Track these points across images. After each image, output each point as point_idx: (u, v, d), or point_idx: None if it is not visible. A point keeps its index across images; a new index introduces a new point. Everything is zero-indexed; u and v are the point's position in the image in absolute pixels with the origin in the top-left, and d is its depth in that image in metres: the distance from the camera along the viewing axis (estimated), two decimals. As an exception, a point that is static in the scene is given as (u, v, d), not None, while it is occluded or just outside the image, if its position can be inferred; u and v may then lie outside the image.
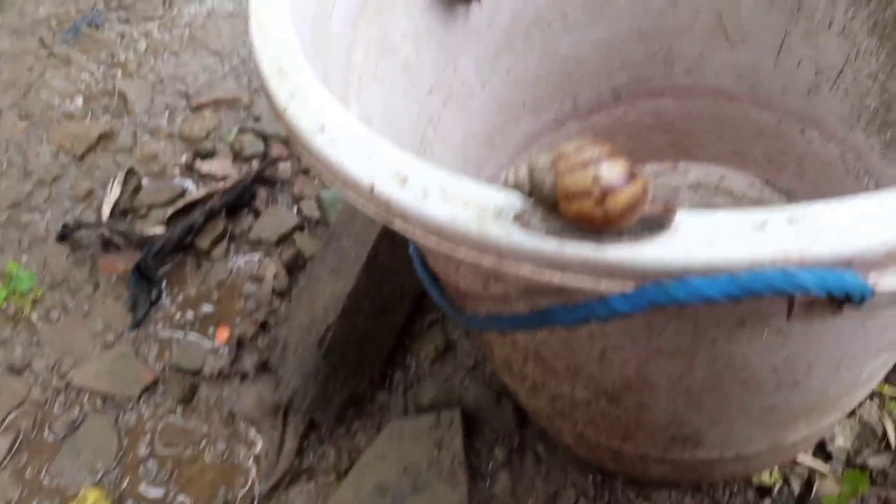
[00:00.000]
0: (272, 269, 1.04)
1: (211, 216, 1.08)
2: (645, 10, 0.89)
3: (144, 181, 1.15)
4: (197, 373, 0.97)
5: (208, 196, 1.10)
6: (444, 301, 0.57)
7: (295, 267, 1.05)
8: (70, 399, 0.96)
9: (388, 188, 0.40)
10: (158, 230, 1.07)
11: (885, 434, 0.83)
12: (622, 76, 0.96)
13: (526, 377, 0.70)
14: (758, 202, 1.00)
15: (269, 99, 0.48)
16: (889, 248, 0.33)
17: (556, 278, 0.37)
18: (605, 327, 0.49)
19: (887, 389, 0.85)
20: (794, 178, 0.98)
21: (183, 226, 1.06)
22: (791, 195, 0.99)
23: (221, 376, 0.96)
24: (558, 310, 0.40)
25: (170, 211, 1.09)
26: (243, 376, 0.96)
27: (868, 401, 0.85)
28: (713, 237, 0.35)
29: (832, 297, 0.34)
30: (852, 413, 0.85)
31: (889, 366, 0.68)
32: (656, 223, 0.35)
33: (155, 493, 0.88)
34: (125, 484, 0.89)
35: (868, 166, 0.87)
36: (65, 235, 1.08)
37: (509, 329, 0.46)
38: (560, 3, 0.87)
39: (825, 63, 0.85)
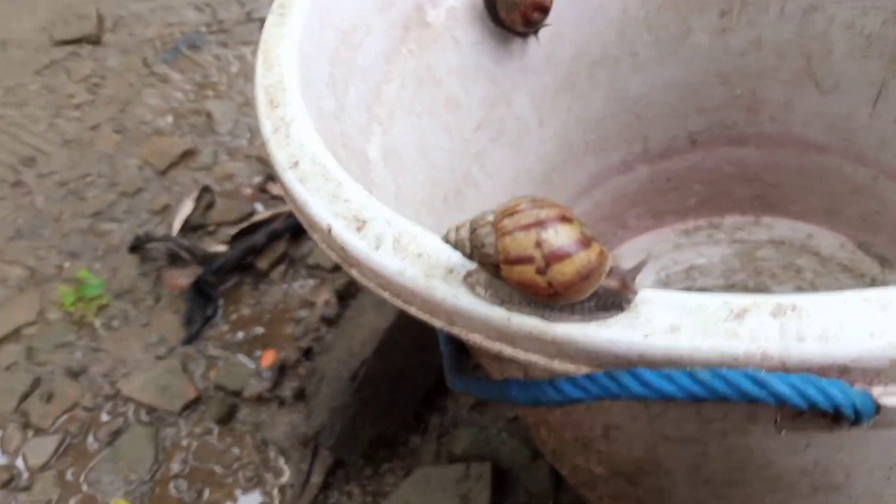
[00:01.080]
0: (324, 296, 1.03)
1: (273, 238, 1.08)
2: (724, 50, 0.82)
3: (218, 199, 1.18)
4: (238, 394, 0.97)
5: (273, 218, 1.11)
6: (446, 349, 0.53)
7: (347, 295, 1.03)
8: (117, 408, 0.98)
9: (344, 233, 0.37)
10: (221, 248, 1.08)
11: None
12: (699, 120, 0.89)
13: (545, 442, 0.65)
14: (847, 267, 0.89)
15: (259, 127, 0.46)
16: (894, 357, 0.27)
17: (507, 351, 0.33)
18: (601, 403, 0.44)
19: None
20: (891, 243, 0.87)
21: (245, 245, 1.07)
22: (886, 262, 0.88)
23: (261, 400, 0.96)
24: (514, 385, 0.35)
25: (235, 230, 1.10)
26: (281, 402, 0.95)
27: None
28: (679, 323, 0.29)
29: (821, 410, 0.27)
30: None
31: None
32: (614, 300, 0.30)
33: (181, 511, 0.89)
34: (155, 498, 0.90)
35: (977, 237, 0.76)
36: (136, 247, 1.11)
37: (479, 395, 0.42)
38: (629, 41, 0.81)
39: (929, 117, 0.75)
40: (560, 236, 0.29)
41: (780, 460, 0.44)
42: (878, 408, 0.28)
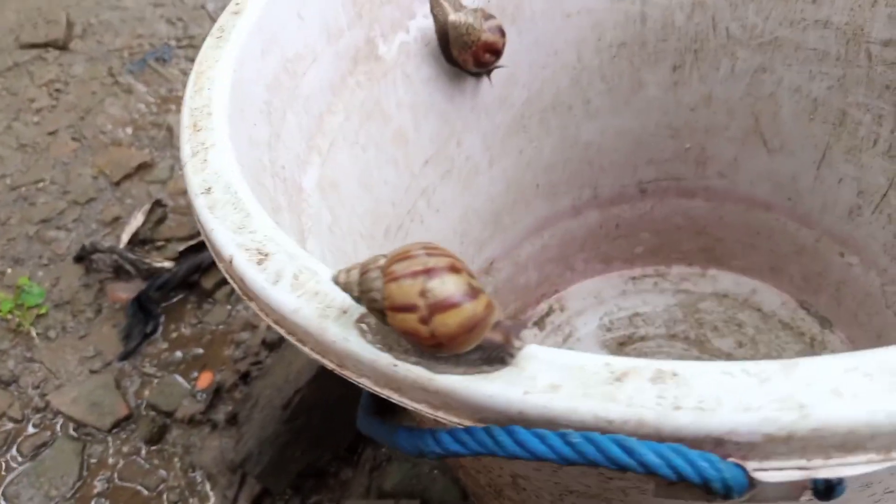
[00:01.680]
0: (268, 320, 1.02)
1: (221, 258, 1.07)
2: (676, 104, 0.83)
3: (170, 214, 1.17)
4: (170, 414, 0.95)
5: (223, 237, 1.09)
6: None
7: (291, 321, 1.02)
8: (45, 420, 0.96)
9: (245, 265, 0.37)
10: (168, 264, 1.07)
11: None
12: (649, 171, 0.90)
13: (466, 485, 0.64)
14: (788, 325, 0.90)
15: (180, 150, 0.46)
16: (768, 433, 0.27)
17: (395, 398, 0.32)
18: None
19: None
20: (832, 304, 0.89)
21: (191, 263, 1.06)
22: (826, 322, 0.89)
23: (192, 422, 0.94)
24: (401, 431, 0.34)
25: (183, 247, 1.09)
26: (213, 426, 0.93)
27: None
28: (560, 382, 0.29)
29: (690, 482, 0.27)
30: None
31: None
32: (498, 354, 0.30)
33: (99, 533, 0.86)
34: (74, 518, 0.87)
35: (910, 304, 0.77)
36: (81, 257, 1.09)
37: (375, 437, 0.41)
38: (583, 89, 0.82)
39: (868, 184, 0.77)
40: (446, 286, 0.29)
41: (683, 521, 0.44)
42: (752, 482, 0.28)
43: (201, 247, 1.09)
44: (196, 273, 1.06)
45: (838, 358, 0.28)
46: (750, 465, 0.28)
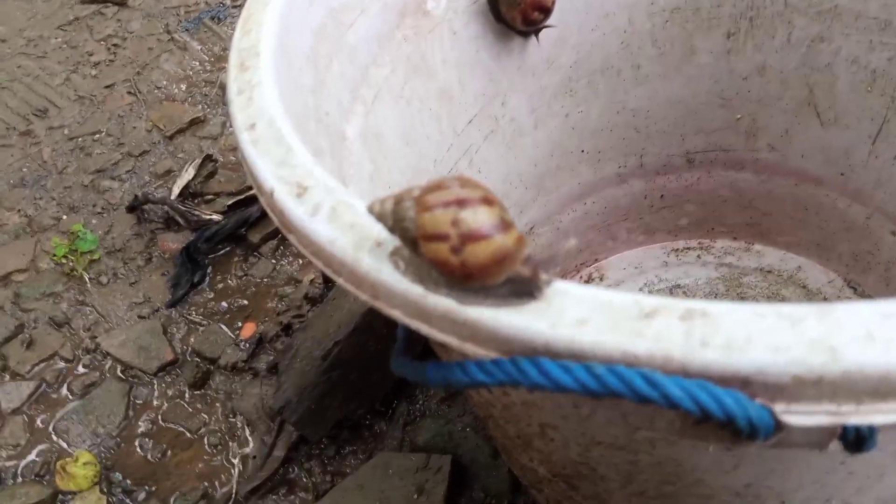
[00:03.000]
0: (310, 275, 1.04)
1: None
2: (728, 72, 0.81)
3: (220, 169, 1.19)
4: (214, 361, 0.97)
5: (269, 193, 1.11)
6: (400, 331, 0.53)
7: (333, 278, 1.04)
8: (95, 362, 0.99)
9: (285, 197, 0.37)
10: (216, 217, 1.09)
11: None
12: (698, 141, 0.88)
13: (495, 438, 0.65)
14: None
15: (226, 88, 0.47)
16: (797, 374, 0.27)
17: (424, 330, 0.33)
18: (533, 397, 0.44)
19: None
20: (880, 284, 0.86)
21: (239, 216, 1.08)
22: (874, 303, 0.87)
23: (235, 370, 0.96)
24: (431, 366, 0.35)
25: (231, 201, 1.11)
26: (254, 374, 0.95)
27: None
28: (588, 317, 0.29)
29: (715, 418, 0.27)
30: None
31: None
32: (526, 288, 0.30)
33: (142, 470, 0.89)
34: (119, 454, 0.91)
35: (962, 286, 0.75)
36: (134, 207, 1.13)
37: (406, 376, 0.42)
38: (633, 53, 0.81)
39: (926, 160, 0.74)
40: (478, 217, 0.29)
41: (710, 479, 0.44)
42: (778, 425, 0.28)
43: (249, 201, 1.11)
44: (243, 227, 1.08)
45: (876, 304, 0.27)
46: (777, 408, 0.28)
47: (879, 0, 0.70)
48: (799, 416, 0.28)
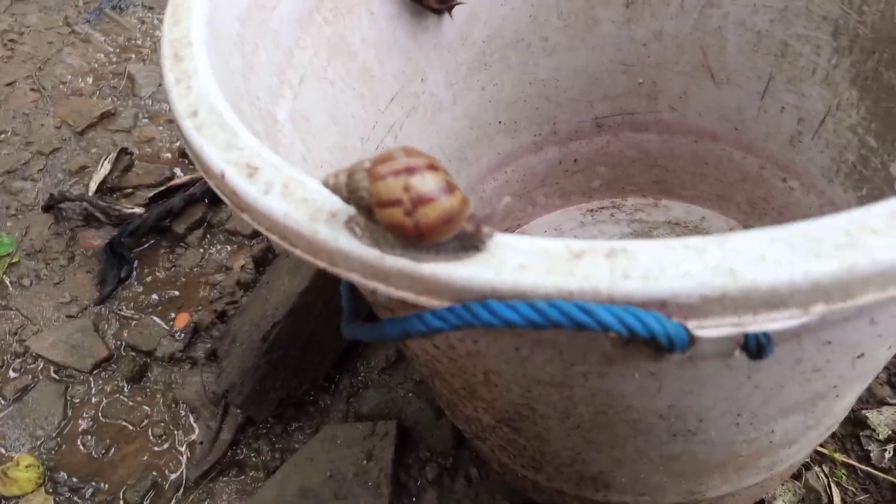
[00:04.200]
0: (241, 261, 1.05)
1: (191, 202, 1.09)
2: (629, 40, 0.87)
3: (136, 162, 1.17)
4: (150, 354, 0.98)
5: (191, 182, 1.11)
6: (346, 303, 0.56)
7: (264, 261, 1.05)
8: (26, 365, 0.98)
9: (236, 178, 0.40)
10: (138, 210, 1.08)
11: (830, 501, 0.79)
12: (605, 106, 0.94)
13: (441, 395, 0.69)
14: (735, 249, 0.96)
15: (163, 79, 0.48)
16: (705, 294, 0.31)
17: (381, 289, 0.36)
18: (478, 346, 0.48)
19: (838, 455, 0.81)
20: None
21: (161, 208, 1.07)
22: (770, 245, 0.96)
23: (173, 360, 0.97)
24: (387, 322, 0.38)
25: (152, 193, 1.10)
26: (193, 363, 0.96)
27: (816, 466, 0.81)
28: (526, 263, 0.33)
29: (640, 336, 0.32)
30: (797, 475, 0.81)
31: (819, 431, 0.65)
32: (472, 243, 0.34)
33: (88, 467, 0.89)
34: (62, 454, 0.90)
35: (844, 223, 0.83)
36: (50, 206, 1.10)
37: (363, 337, 0.45)
38: (540, 26, 0.86)
39: (808, 111, 0.82)
40: (427, 182, 0.33)
41: (638, 404, 0.49)
42: (692, 338, 0.33)
43: (171, 192, 1.11)
44: (167, 218, 1.08)
45: (765, 231, 0.32)
46: (690, 324, 0.32)
47: (758, -33, 0.77)
48: (708, 329, 0.33)
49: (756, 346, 0.34)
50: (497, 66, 0.87)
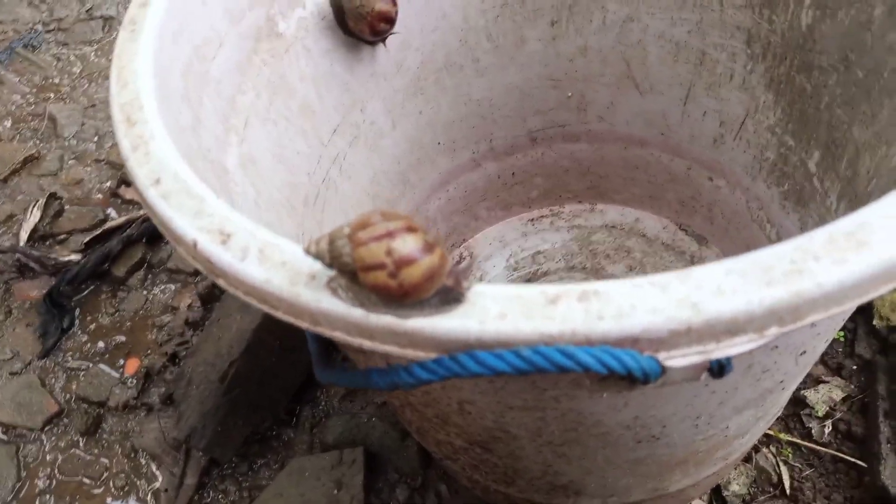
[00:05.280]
0: (187, 300, 1.04)
1: (129, 243, 1.07)
2: (556, 56, 0.90)
3: (67, 206, 1.14)
4: (102, 404, 0.95)
5: (128, 223, 1.09)
6: (313, 347, 0.57)
7: (211, 298, 1.04)
8: (-30, 429, 0.94)
9: (210, 247, 0.40)
10: (74, 257, 1.06)
11: (780, 479, 0.84)
12: (537, 120, 0.97)
13: (411, 422, 0.70)
14: (670, 246, 1.01)
15: (118, 146, 0.48)
16: (672, 328, 0.34)
17: (367, 345, 0.38)
18: (455, 382, 0.50)
19: (783, 436, 0.86)
20: (706, 223, 1.00)
21: (99, 253, 1.05)
22: (702, 240, 1.01)
23: (127, 409, 0.95)
24: (375, 373, 0.40)
25: (87, 238, 1.08)
26: (149, 409, 0.95)
27: (764, 447, 0.86)
28: (506, 311, 0.35)
29: (617, 374, 0.34)
30: (748, 458, 0.86)
31: (767, 419, 0.69)
32: (454, 296, 0.35)
33: (49, 527, 0.87)
34: (19, 518, 0.88)
35: (770, 216, 0.89)
36: (-21, 260, 1.06)
37: (346, 384, 0.47)
38: (471, 48, 0.88)
39: (728, 115, 0.87)
40: (407, 244, 0.34)
41: (606, 419, 0.52)
42: (663, 369, 0.35)
43: (107, 235, 1.08)
44: (106, 262, 1.05)
45: (720, 264, 0.35)
46: (661, 356, 0.35)
47: (673, -17, 0.81)
48: (677, 359, 0.35)
49: (718, 368, 0.37)
50: (432, 89, 0.89)
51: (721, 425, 0.60)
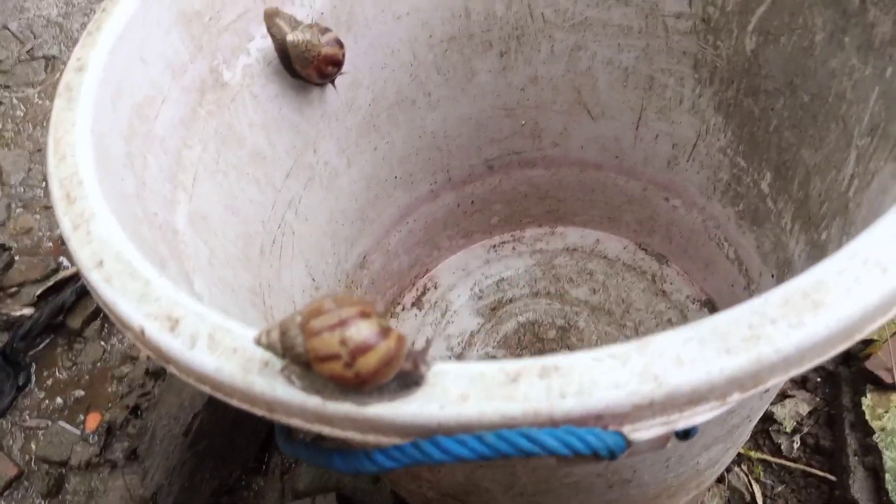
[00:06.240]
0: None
1: (83, 294, 1.04)
2: (507, 86, 0.90)
3: (17, 257, 1.11)
4: (64, 464, 0.92)
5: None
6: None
7: (171, 345, 1.01)
8: (-77, 499, 0.91)
9: (157, 333, 0.39)
10: (27, 311, 1.02)
11: (753, 498, 0.84)
12: (493, 149, 0.97)
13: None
14: (631, 266, 1.02)
15: (58, 222, 0.46)
16: (635, 402, 0.34)
17: (326, 431, 0.37)
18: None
19: (753, 453, 0.87)
20: (664, 242, 1.01)
21: (52, 306, 1.02)
22: (661, 259, 1.01)
23: (90, 466, 0.92)
24: (336, 456, 0.39)
25: (39, 290, 1.05)
26: (112, 466, 0.92)
27: (736, 466, 0.86)
28: (467, 392, 0.34)
29: (583, 454, 0.34)
30: (721, 479, 0.86)
31: (736, 447, 0.70)
32: (413, 379, 0.35)
33: None
34: (-20, 590, 0.84)
35: (727, 235, 0.89)
36: (-75, 320, 1.02)
37: (307, 461, 0.45)
38: (422, 83, 0.87)
39: (680, 138, 0.88)
40: (362, 332, 0.33)
41: (577, 470, 0.52)
42: (629, 443, 0.35)
43: (60, 286, 1.05)
44: (60, 314, 1.02)
45: (678, 331, 0.35)
46: (625, 430, 0.35)
47: (619, 10, 0.81)
48: (641, 432, 0.35)
49: (684, 434, 0.36)
50: (385, 125, 0.88)
51: (691, 462, 0.60)
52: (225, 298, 0.61)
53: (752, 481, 0.85)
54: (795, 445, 0.85)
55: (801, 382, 0.90)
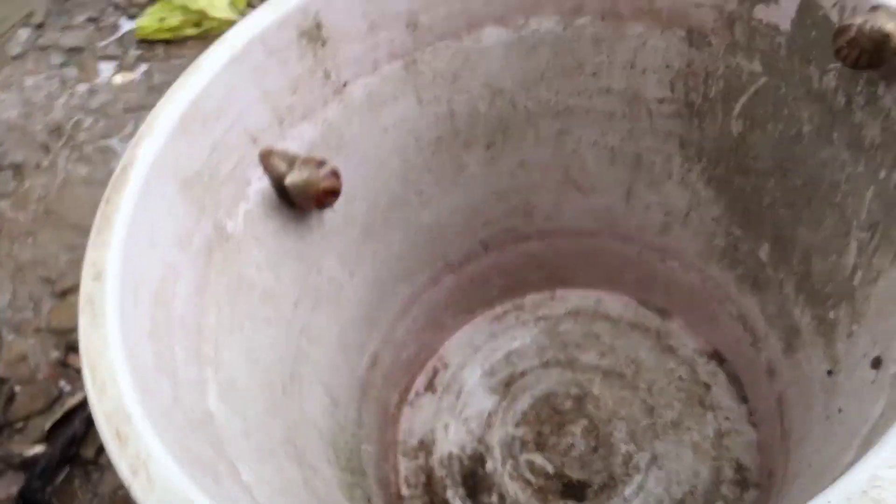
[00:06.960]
0: (166, 469, 1.00)
1: (93, 422, 1.03)
2: (497, 174, 0.91)
3: (17, 388, 1.09)
4: None
5: (87, 400, 1.04)
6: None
7: (190, 461, 1.01)
8: None
9: None
10: (39, 448, 1.01)
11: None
12: (487, 230, 0.98)
13: None
14: (635, 324, 1.04)
15: (115, 468, 0.46)
16: None
17: None
18: None
19: None
20: (665, 298, 1.03)
21: (64, 439, 1.01)
22: (664, 313, 1.03)
23: None
24: None
25: (48, 424, 1.03)
26: None
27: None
28: None
29: None
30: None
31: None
32: None
33: None
34: None
35: (728, 294, 0.92)
36: (-66, 470, 1.00)
37: None
38: (414, 183, 0.88)
39: (672, 207, 0.89)
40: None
41: None
42: None
43: (69, 417, 1.04)
44: (72, 446, 1.01)
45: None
46: None
47: (601, 99, 0.82)
48: None
49: None
50: (382, 230, 0.88)
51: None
52: (265, 469, 0.62)
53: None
54: None
55: None
